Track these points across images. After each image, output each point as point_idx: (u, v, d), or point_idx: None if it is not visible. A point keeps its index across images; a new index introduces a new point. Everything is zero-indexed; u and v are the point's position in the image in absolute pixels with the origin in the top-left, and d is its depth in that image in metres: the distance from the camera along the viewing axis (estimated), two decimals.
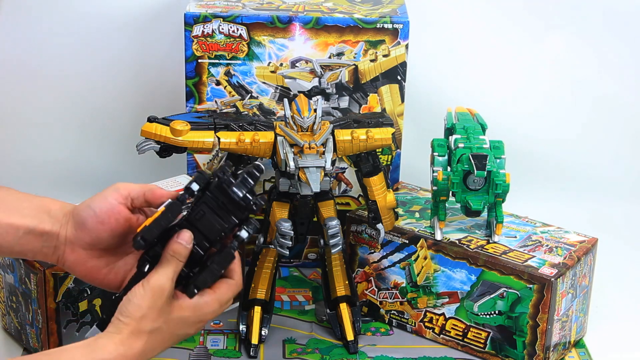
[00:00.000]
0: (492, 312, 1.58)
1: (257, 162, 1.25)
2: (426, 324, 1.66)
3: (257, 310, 1.62)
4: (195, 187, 1.22)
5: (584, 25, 2.10)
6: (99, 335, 1.20)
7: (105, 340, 1.18)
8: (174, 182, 1.78)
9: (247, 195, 1.22)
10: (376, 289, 1.69)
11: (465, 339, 1.62)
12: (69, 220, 1.27)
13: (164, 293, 1.20)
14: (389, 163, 1.84)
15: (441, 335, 1.65)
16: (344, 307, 1.64)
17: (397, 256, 1.65)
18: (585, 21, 2.10)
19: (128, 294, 1.21)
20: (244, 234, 1.23)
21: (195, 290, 1.23)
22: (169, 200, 1.23)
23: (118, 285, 1.29)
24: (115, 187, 1.27)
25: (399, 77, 1.78)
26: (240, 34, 1.74)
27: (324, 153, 1.52)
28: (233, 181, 1.22)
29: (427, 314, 1.65)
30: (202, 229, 1.24)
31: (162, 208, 1.22)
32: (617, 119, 2.15)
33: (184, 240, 1.22)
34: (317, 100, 1.57)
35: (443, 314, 1.63)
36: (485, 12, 2.10)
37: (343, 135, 1.56)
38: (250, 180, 1.23)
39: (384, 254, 1.67)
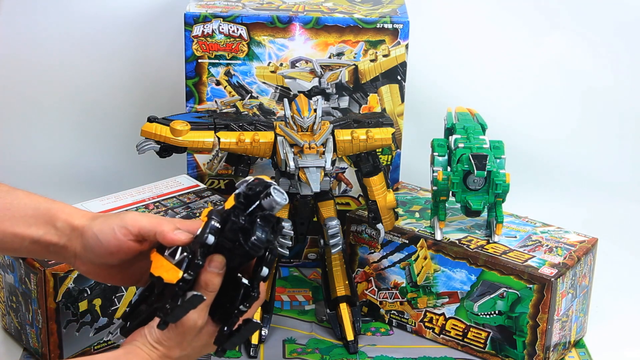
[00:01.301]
0: (492, 312, 1.58)
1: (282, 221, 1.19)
2: (426, 324, 1.66)
3: (257, 310, 1.62)
4: (211, 240, 1.16)
5: (584, 25, 2.10)
6: (128, 350, 1.20)
7: None
8: (174, 182, 1.78)
9: (260, 238, 1.16)
10: (376, 289, 1.69)
11: (465, 339, 1.62)
12: (78, 236, 1.25)
13: (195, 328, 1.20)
14: (389, 163, 1.84)
15: (441, 335, 1.65)
16: (344, 307, 1.64)
17: (397, 256, 1.65)
18: (587, 21, 2.10)
19: (153, 321, 1.20)
20: (265, 271, 1.19)
21: (225, 328, 1.21)
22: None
23: (136, 281, 1.28)
24: (124, 222, 1.23)
25: (399, 77, 1.78)
26: (240, 34, 1.74)
27: (324, 153, 1.52)
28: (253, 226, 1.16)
29: (427, 314, 1.65)
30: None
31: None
32: (617, 119, 2.15)
33: (216, 267, 1.19)
34: (317, 100, 1.57)
35: (443, 314, 1.63)
36: (485, 12, 2.10)
37: (343, 135, 1.56)
38: (267, 222, 1.17)
39: (384, 254, 1.67)
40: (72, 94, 2.07)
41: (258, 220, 1.15)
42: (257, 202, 1.16)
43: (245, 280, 1.20)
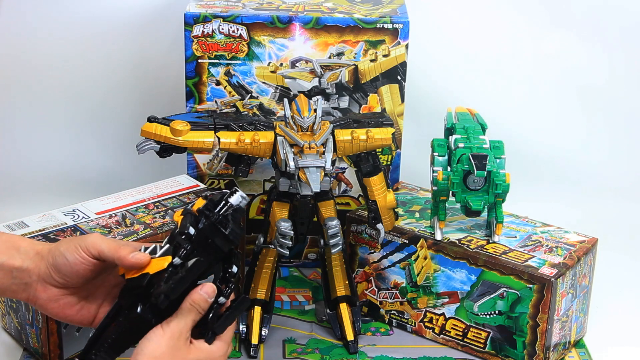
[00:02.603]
0: (492, 312, 1.58)
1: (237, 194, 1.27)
2: (426, 324, 1.66)
3: (257, 310, 1.62)
4: (192, 231, 1.23)
5: (585, 25, 2.10)
6: None
7: None
8: (174, 182, 1.78)
9: (235, 230, 1.25)
10: (376, 289, 1.69)
11: (465, 339, 1.62)
12: (42, 258, 1.28)
13: (182, 337, 1.22)
14: (389, 163, 1.84)
15: (441, 335, 1.65)
16: (344, 307, 1.64)
17: (397, 256, 1.65)
18: (587, 21, 2.10)
19: (148, 334, 1.21)
20: (234, 269, 1.27)
21: (213, 336, 1.25)
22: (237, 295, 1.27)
23: (90, 321, 1.30)
24: (85, 243, 1.26)
25: (399, 77, 1.78)
26: (240, 34, 1.74)
27: (324, 153, 1.52)
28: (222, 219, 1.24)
29: (427, 314, 1.65)
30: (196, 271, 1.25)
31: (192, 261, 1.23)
32: (618, 119, 2.16)
33: (207, 293, 1.24)
34: (317, 100, 1.57)
35: (443, 314, 1.63)
36: (485, 12, 2.10)
37: (343, 135, 1.56)
38: (236, 215, 1.25)
39: (384, 254, 1.67)
40: (72, 94, 2.07)
41: (230, 214, 1.24)
42: (224, 201, 1.25)
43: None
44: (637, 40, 2.12)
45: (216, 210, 1.24)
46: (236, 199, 1.26)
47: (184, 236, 1.23)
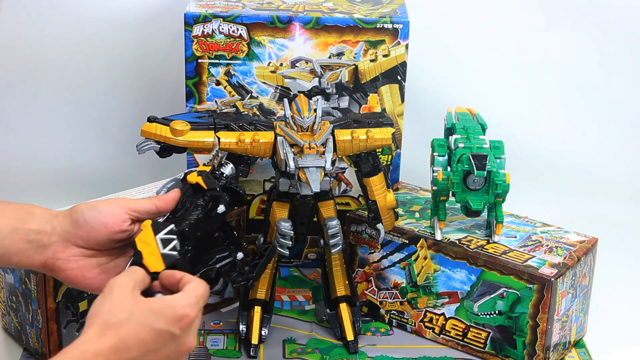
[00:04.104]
0: (492, 312, 1.58)
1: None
2: (426, 324, 1.66)
3: (257, 310, 1.62)
4: (222, 209, 1.33)
5: (585, 24, 2.10)
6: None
7: (75, 342, 1.11)
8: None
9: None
10: (376, 289, 1.69)
11: (465, 339, 1.62)
12: (64, 217, 1.27)
13: (122, 287, 1.15)
14: (389, 163, 1.84)
15: (441, 335, 1.65)
16: (344, 307, 1.64)
17: (397, 256, 1.65)
18: (587, 20, 2.10)
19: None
20: (221, 208, 1.33)
21: (251, 283, 1.43)
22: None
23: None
24: (125, 199, 1.29)
25: (399, 77, 1.78)
26: (240, 34, 1.74)
27: (324, 153, 1.52)
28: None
29: (427, 314, 1.65)
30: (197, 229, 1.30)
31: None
32: (618, 119, 2.16)
33: (143, 280, 1.20)
34: (317, 100, 1.57)
35: (443, 314, 1.63)
36: (485, 12, 2.10)
37: (343, 135, 1.56)
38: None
39: (384, 254, 1.67)
40: (72, 94, 2.07)
41: (232, 181, 1.38)
42: (219, 171, 1.39)
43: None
44: (639, 39, 2.12)
45: (226, 174, 1.38)
46: (229, 169, 1.40)
47: (219, 184, 1.34)
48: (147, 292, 1.19)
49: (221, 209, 1.31)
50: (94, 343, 1.09)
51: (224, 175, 1.38)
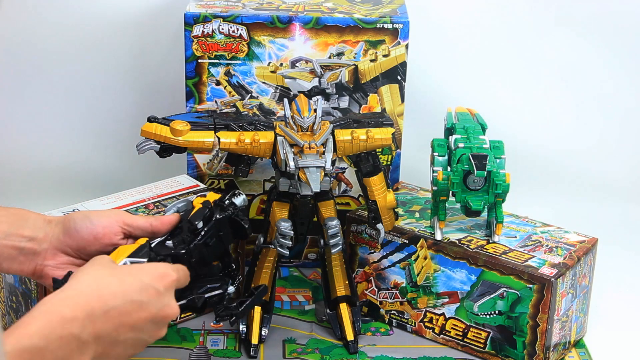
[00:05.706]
0: (492, 312, 1.58)
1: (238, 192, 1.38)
2: (426, 324, 1.66)
3: (257, 310, 1.62)
4: (200, 225, 1.31)
5: (586, 24, 2.10)
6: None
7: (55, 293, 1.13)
8: (174, 182, 1.78)
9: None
10: (376, 289, 1.69)
11: (465, 339, 1.63)
12: (56, 224, 1.27)
13: (102, 259, 1.19)
14: (389, 163, 1.84)
15: (441, 335, 1.65)
16: (344, 307, 1.64)
17: (397, 256, 1.65)
18: (588, 20, 2.10)
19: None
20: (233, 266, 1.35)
21: (236, 320, 1.37)
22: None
23: None
24: (122, 212, 1.29)
25: (399, 77, 1.78)
26: (240, 34, 1.74)
27: (324, 153, 1.52)
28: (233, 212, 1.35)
29: (427, 314, 1.65)
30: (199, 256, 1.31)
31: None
32: (618, 119, 2.16)
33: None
34: (317, 100, 1.57)
35: (443, 314, 1.64)
36: (485, 12, 2.10)
37: (343, 135, 1.56)
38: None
39: (384, 254, 1.67)
40: (72, 94, 2.07)
41: (240, 213, 1.36)
42: (229, 200, 1.36)
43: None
44: (639, 39, 2.12)
45: (236, 205, 1.35)
46: (241, 200, 1.36)
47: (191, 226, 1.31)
48: None
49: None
50: (78, 291, 1.10)
51: (234, 205, 1.36)
